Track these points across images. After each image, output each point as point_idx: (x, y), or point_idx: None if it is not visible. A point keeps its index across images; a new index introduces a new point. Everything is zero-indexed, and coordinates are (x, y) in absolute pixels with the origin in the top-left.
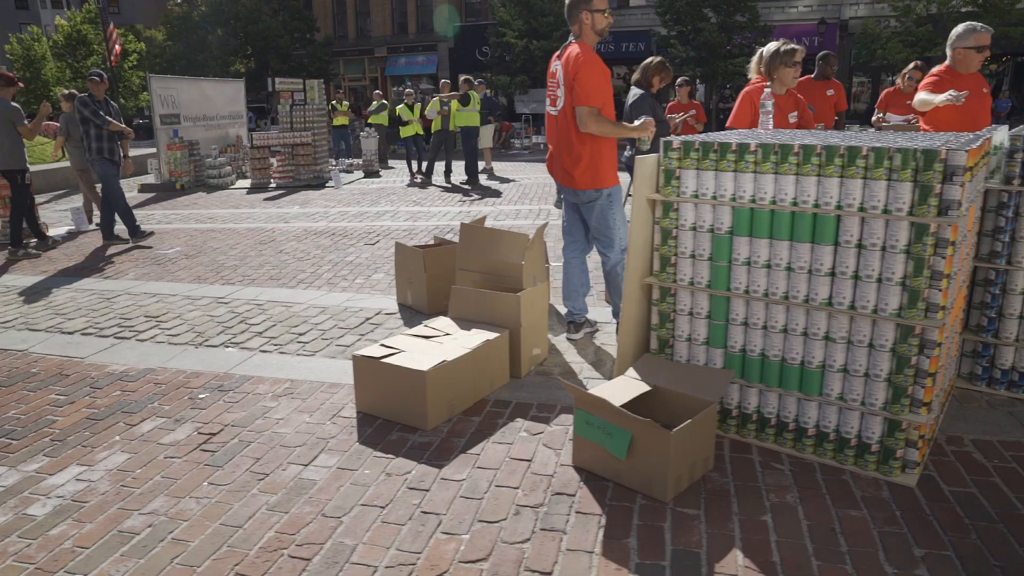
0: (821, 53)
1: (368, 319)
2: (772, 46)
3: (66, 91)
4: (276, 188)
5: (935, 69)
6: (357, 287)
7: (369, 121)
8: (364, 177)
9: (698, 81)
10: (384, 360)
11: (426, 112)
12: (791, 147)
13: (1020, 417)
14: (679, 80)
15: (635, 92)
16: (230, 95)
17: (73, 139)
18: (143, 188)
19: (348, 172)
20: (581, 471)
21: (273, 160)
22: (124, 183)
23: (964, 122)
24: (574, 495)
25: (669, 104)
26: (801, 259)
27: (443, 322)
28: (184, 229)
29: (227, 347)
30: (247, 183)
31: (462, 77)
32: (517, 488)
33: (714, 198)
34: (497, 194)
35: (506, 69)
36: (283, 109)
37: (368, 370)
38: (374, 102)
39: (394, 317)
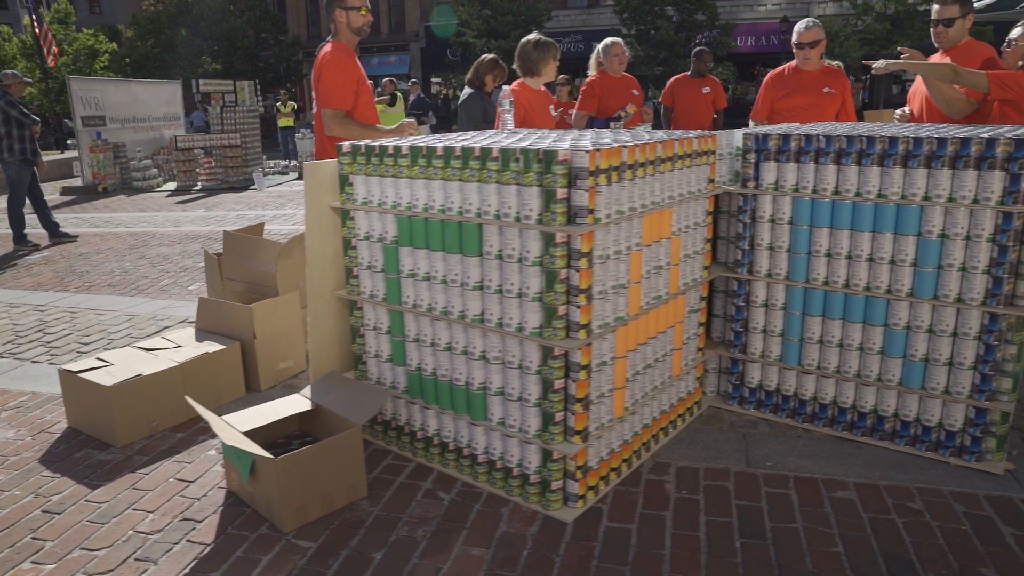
0: (695, 49)
1: (168, 327)
2: (531, 38)
3: None
4: (200, 190)
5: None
6: (187, 294)
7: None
8: (297, 179)
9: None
10: (79, 374)
11: None
12: (435, 149)
13: (752, 439)
14: (559, 79)
15: (466, 91)
16: (165, 97)
17: None
18: (65, 191)
19: (284, 173)
20: (232, 495)
21: (210, 160)
22: (46, 185)
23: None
24: (201, 521)
25: None
26: (453, 271)
27: (184, 333)
28: (71, 232)
29: (2, 357)
30: (174, 185)
31: (385, 78)
32: (152, 512)
33: (379, 205)
34: None
35: (467, 69)
36: (213, 111)
37: (70, 384)
38: None
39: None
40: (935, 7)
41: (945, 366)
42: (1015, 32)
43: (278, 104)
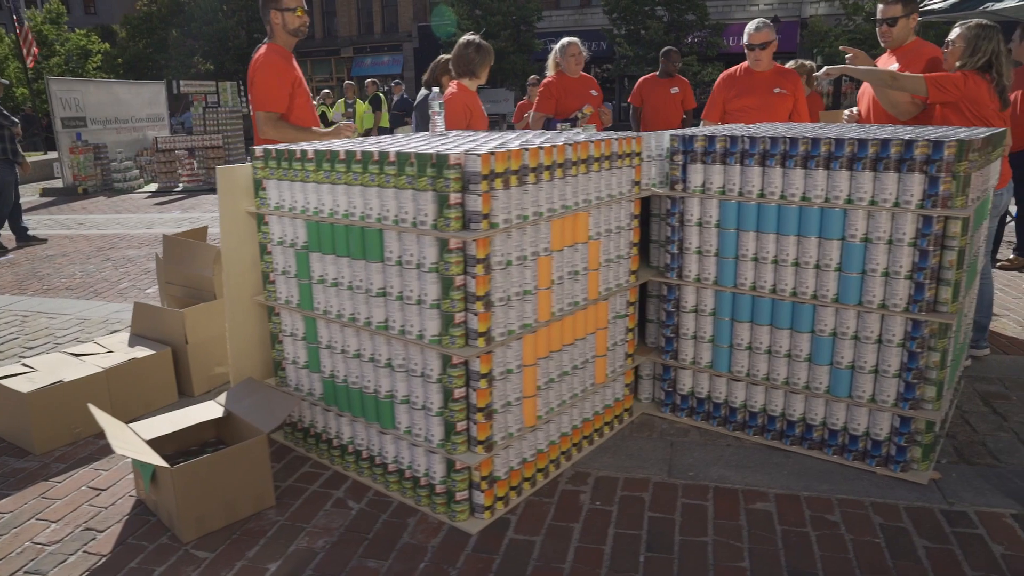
0: (663, 49)
1: (115, 331)
2: (472, 39)
3: None
4: (181, 192)
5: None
6: (143, 297)
7: None
8: None
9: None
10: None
11: (331, 115)
12: (338, 153)
13: (680, 448)
14: (531, 79)
15: (422, 93)
16: (148, 97)
17: None
18: (45, 192)
19: None
20: (141, 503)
21: (192, 161)
22: (26, 187)
23: (755, 122)
24: (103, 531)
25: (519, 103)
26: (358, 277)
27: (117, 339)
28: (40, 235)
29: None
30: (155, 186)
31: (367, 80)
32: (55, 522)
33: (290, 210)
34: None
35: None
36: (196, 111)
37: None
38: None
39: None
40: (879, 7)
41: (871, 374)
42: (953, 33)
43: None
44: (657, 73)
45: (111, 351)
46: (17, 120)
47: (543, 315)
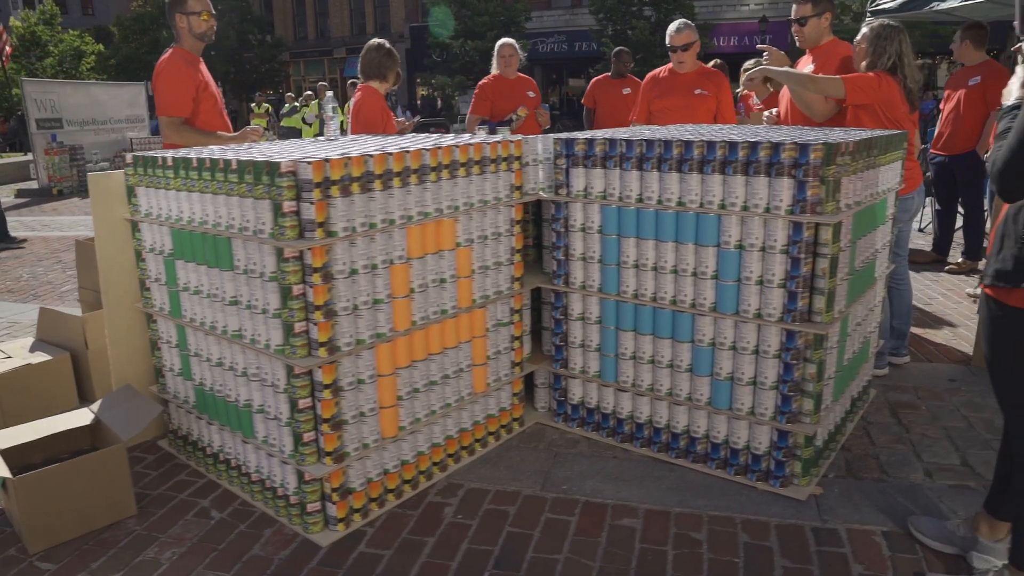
0: (615, 50)
1: None
2: (382, 43)
3: None
4: None
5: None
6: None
7: (283, 124)
8: None
9: None
10: None
11: (304, 116)
12: (191, 161)
13: (563, 459)
14: None
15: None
16: (127, 99)
17: None
18: (20, 193)
19: None
20: (2, 513)
21: None
22: (1, 188)
23: (676, 123)
24: None
25: None
26: (215, 285)
27: (19, 344)
28: None
29: None
30: None
31: (349, 81)
32: None
33: (157, 218)
34: None
35: (446, 70)
36: None
37: None
38: (286, 104)
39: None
40: (793, 6)
41: (749, 385)
42: (860, 33)
43: (252, 105)
44: (610, 74)
45: (9, 356)
46: None
47: (401, 324)
